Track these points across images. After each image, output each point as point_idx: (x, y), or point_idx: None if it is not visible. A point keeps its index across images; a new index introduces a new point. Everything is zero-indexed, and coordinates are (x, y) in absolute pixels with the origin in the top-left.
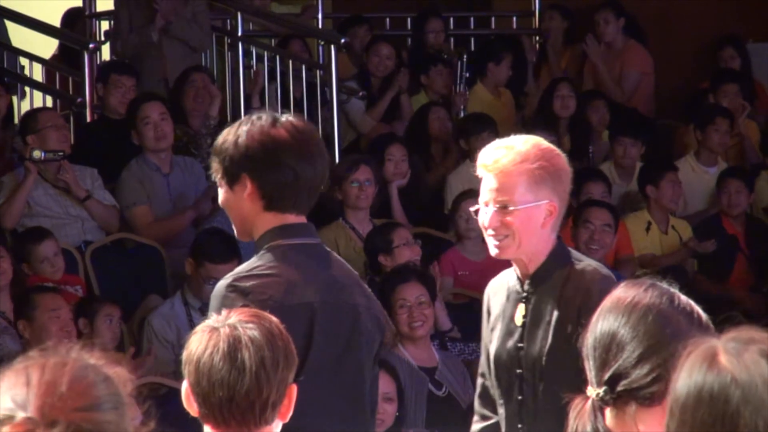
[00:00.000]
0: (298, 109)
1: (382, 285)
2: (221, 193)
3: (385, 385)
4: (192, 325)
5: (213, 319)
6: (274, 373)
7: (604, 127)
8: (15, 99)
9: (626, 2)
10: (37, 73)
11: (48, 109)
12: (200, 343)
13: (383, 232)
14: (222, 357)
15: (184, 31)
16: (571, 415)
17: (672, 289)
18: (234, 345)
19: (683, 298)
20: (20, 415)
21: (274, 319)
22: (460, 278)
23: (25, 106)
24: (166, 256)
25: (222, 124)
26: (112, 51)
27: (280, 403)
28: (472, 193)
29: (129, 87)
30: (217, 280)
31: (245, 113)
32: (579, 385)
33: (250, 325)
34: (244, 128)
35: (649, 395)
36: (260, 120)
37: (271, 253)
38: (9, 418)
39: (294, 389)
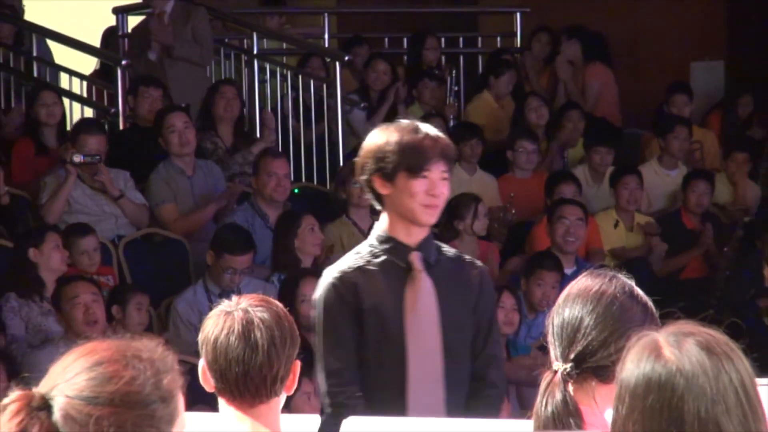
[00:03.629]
0: (309, 118)
1: None
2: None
3: None
4: (212, 309)
5: (225, 304)
6: (282, 350)
7: (580, 134)
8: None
9: (596, 23)
10: (76, 86)
11: (87, 119)
12: (216, 326)
13: None
14: (237, 337)
15: (184, 50)
16: (542, 385)
17: (630, 282)
18: (247, 326)
19: (639, 291)
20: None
21: (279, 303)
22: None
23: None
24: (190, 249)
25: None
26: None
27: (287, 377)
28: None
29: (156, 98)
30: (235, 269)
31: (260, 126)
32: None
33: (260, 309)
34: None
35: (608, 373)
36: None
37: None
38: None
39: (298, 365)
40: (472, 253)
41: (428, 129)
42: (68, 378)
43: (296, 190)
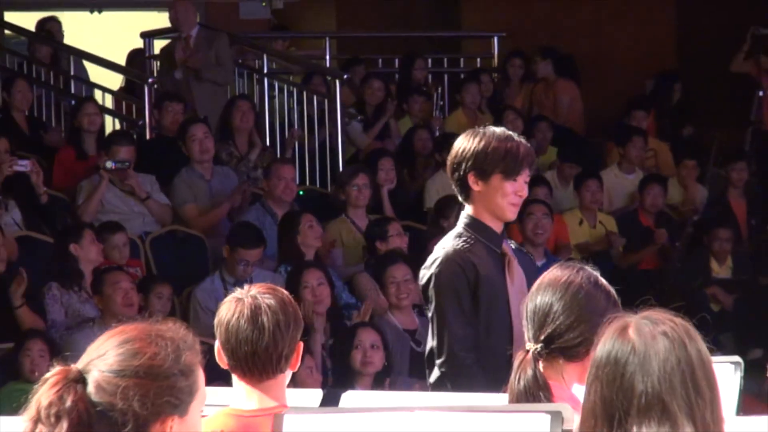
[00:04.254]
0: (312, 129)
1: (376, 265)
2: None
3: (374, 338)
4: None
5: (238, 292)
6: (286, 331)
7: (548, 143)
8: None
9: (565, 43)
10: (107, 101)
11: (118, 130)
12: (228, 311)
13: (380, 224)
14: (246, 320)
15: (210, 73)
16: (515, 362)
17: (596, 273)
18: (255, 311)
19: (603, 280)
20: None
21: (285, 291)
22: None
23: None
24: (208, 243)
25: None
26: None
27: (291, 355)
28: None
29: (178, 111)
30: (248, 261)
31: (270, 137)
32: None
33: (267, 296)
34: None
35: (575, 353)
36: None
37: None
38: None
39: (301, 346)
40: None
41: (521, 138)
42: (101, 354)
43: (301, 192)
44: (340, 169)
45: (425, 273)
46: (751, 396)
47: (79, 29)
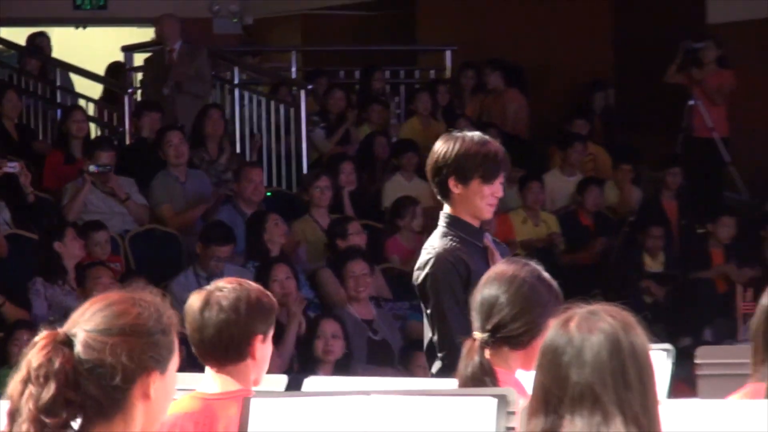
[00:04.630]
0: (278, 135)
1: (336, 261)
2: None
3: (335, 328)
4: None
5: (206, 286)
6: (234, 322)
7: None
8: None
9: (513, 55)
10: (89, 109)
11: (101, 137)
12: (193, 302)
13: (341, 223)
14: (197, 310)
15: (191, 85)
16: (463, 351)
17: (539, 268)
18: (205, 302)
19: (546, 275)
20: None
21: (253, 285)
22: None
23: None
24: (183, 241)
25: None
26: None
27: (246, 345)
28: (411, 200)
29: (155, 119)
30: (219, 257)
31: (240, 143)
32: None
33: (226, 289)
34: None
35: (518, 342)
36: None
37: None
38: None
39: (259, 338)
40: (411, 245)
41: (497, 144)
42: (86, 318)
43: (269, 194)
44: (305, 172)
45: (420, 273)
46: (680, 381)
47: (66, 43)
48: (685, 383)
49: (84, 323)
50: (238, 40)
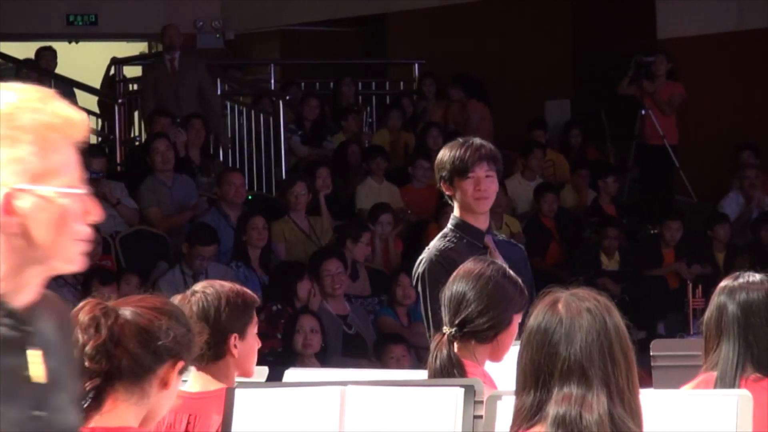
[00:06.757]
0: (259, 142)
1: (312, 260)
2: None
3: (313, 323)
4: (186, 288)
5: (193, 283)
6: (220, 322)
7: None
8: None
9: (476, 69)
10: None
11: (92, 144)
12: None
13: (357, 229)
14: (187, 310)
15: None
16: (432, 345)
17: (504, 266)
18: (195, 302)
19: (511, 272)
20: None
21: (227, 285)
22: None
23: None
24: (170, 241)
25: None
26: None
27: (221, 344)
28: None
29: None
30: (204, 257)
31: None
32: None
33: (201, 292)
34: None
35: (485, 336)
36: None
37: None
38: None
39: (234, 337)
40: (386, 245)
41: (474, 141)
42: (132, 302)
43: (250, 197)
44: (283, 176)
45: (414, 272)
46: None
47: (60, 57)
48: (641, 373)
49: (130, 305)
50: (220, 54)
